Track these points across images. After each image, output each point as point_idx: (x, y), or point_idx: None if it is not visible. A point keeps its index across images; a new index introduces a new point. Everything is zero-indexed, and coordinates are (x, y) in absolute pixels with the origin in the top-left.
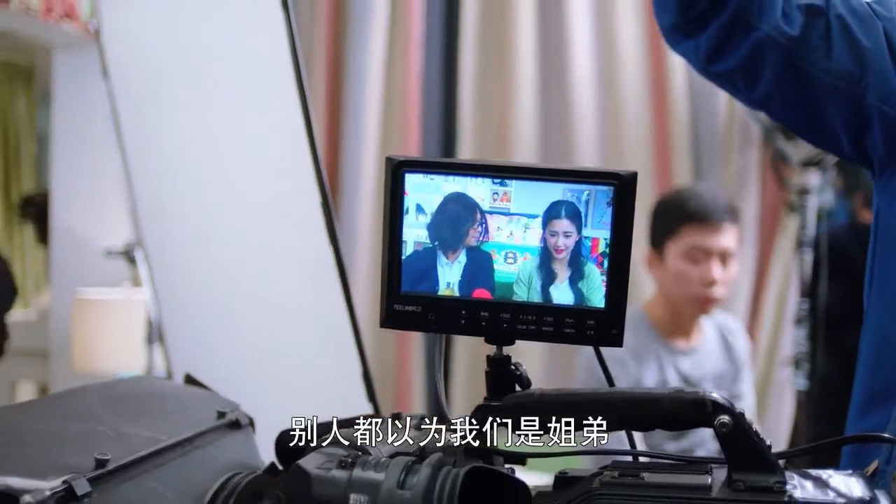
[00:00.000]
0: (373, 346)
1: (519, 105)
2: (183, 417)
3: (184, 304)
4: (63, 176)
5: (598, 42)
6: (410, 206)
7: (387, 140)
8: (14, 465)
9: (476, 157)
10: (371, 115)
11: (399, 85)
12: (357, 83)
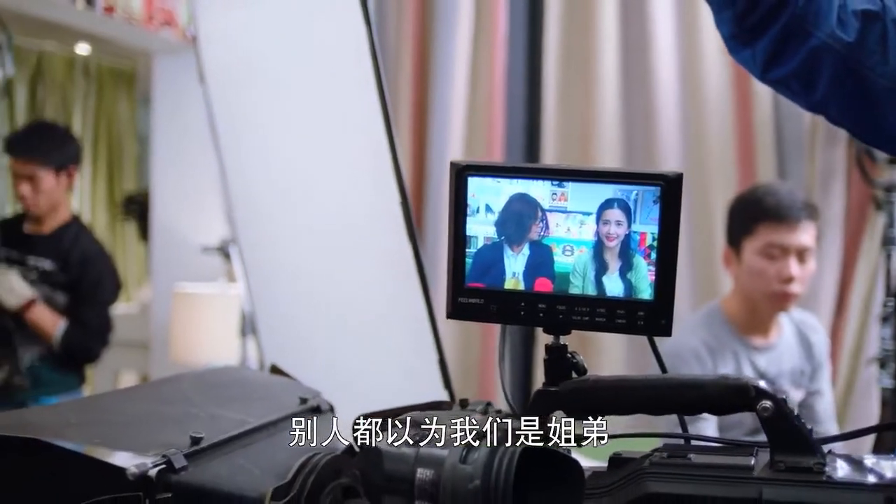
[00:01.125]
0: (458, 338)
1: (602, 105)
2: (269, 403)
3: (275, 299)
4: (162, 176)
5: (680, 41)
6: (480, 206)
7: (471, 141)
8: (120, 442)
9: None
10: (456, 116)
11: (483, 86)
12: (442, 85)
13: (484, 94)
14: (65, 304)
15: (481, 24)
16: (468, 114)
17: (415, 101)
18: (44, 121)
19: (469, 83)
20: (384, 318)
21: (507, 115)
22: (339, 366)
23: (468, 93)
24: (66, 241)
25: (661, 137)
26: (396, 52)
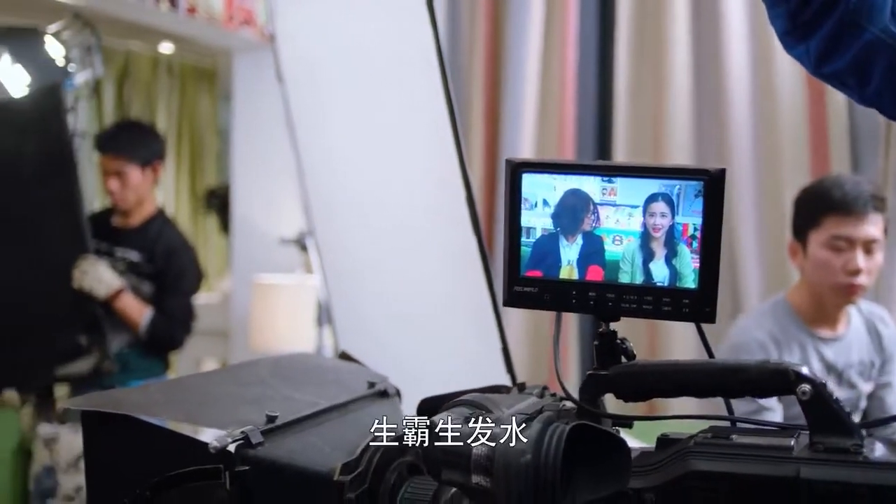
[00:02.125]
0: (530, 326)
1: (673, 99)
2: (339, 386)
3: (348, 289)
4: (242, 170)
5: (752, 33)
6: (538, 201)
7: (542, 138)
8: (203, 419)
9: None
10: (528, 113)
11: (555, 83)
12: (514, 82)
13: (555, 91)
14: (150, 293)
15: (553, 21)
16: (539, 111)
17: (487, 98)
18: (130, 119)
19: (540, 80)
20: (450, 308)
21: (579, 111)
22: (408, 353)
23: (539, 90)
24: (151, 233)
25: (732, 131)
26: (469, 51)
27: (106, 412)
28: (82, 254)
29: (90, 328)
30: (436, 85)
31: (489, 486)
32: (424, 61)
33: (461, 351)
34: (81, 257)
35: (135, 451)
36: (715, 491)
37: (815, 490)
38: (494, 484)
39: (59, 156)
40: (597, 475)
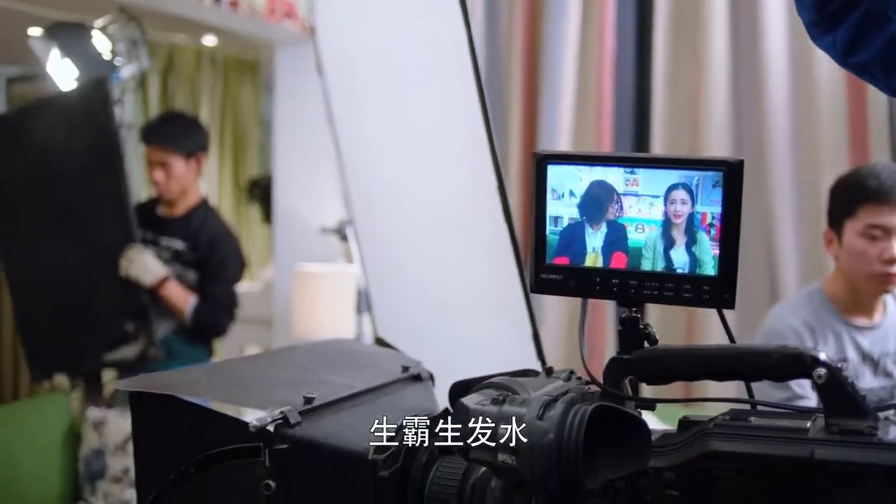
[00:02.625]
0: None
1: (711, 88)
2: (374, 371)
3: (386, 277)
4: (284, 160)
5: (790, 24)
6: (565, 191)
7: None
8: (244, 400)
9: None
10: (565, 104)
11: (592, 73)
12: (552, 73)
13: (593, 83)
14: (195, 281)
15: (590, 14)
16: (577, 104)
17: (524, 92)
18: (175, 111)
19: (578, 73)
20: (483, 295)
21: (616, 103)
22: (442, 339)
23: (577, 83)
24: (195, 222)
25: (771, 121)
26: (507, 44)
27: (152, 393)
28: (129, 243)
29: (137, 315)
30: (469, 78)
31: (515, 464)
32: (459, 55)
33: (493, 337)
34: (128, 246)
35: (179, 430)
36: (732, 470)
37: (830, 470)
38: (520, 462)
39: (107, 147)
40: (618, 454)
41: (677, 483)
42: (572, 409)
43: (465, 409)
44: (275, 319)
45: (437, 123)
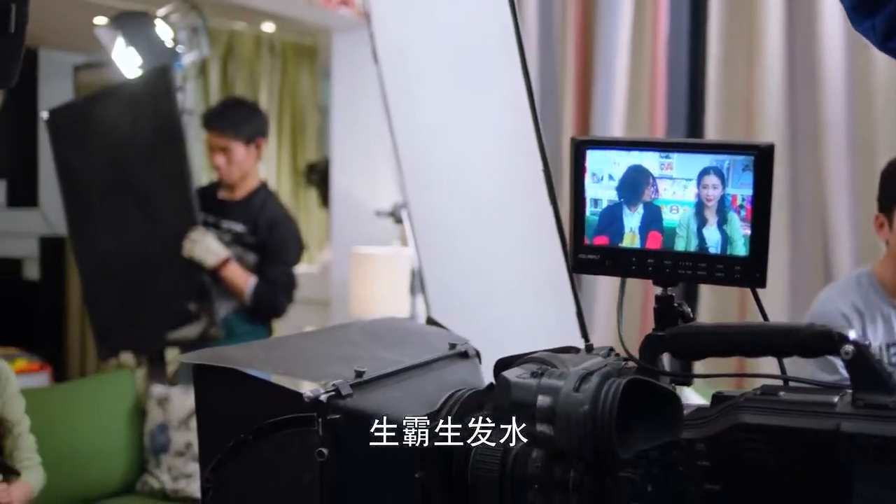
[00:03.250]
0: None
1: (766, 73)
2: (423, 347)
3: (438, 259)
4: (341, 145)
5: None
6: (604, 175)
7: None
8: (300, 373)
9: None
10: (619, 89)
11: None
12: (605, 59)
13: (646, 68)
14: (254, 263)
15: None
16: (630, 87)
17: (578, 77)
18: (235, 97)
19: (631, 58)
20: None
21: (669, 88)
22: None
23: (630, 66)
24: (255, 206)
25: (826, 106)
26: (561, 30)
27: (214, 365)
28: (192, 225)
29: (199, 296)
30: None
31: (552, 433)
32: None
33: (540, 316)
34: (191, 229)
35: (238, 400)
36: (760, 442)
37: (855, 443)
38: (556, 432)
39: (170, 133)
40: (651, 426)
41: (708, 454)
42: (607, 382)
43: (505, 381)
44: (332, 300)
45: (487, 109)
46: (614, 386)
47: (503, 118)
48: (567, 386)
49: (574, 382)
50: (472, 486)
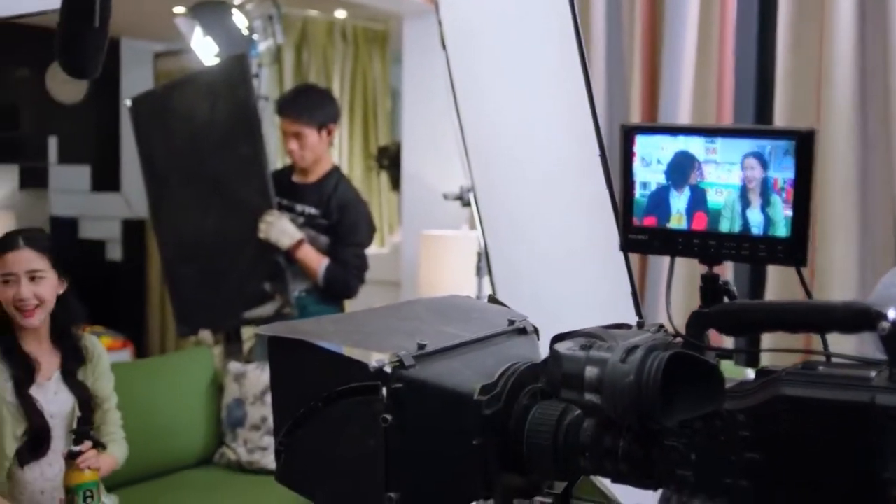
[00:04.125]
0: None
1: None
2: (483, 323)
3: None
4: (411, 129)
5: None
6: (653, 159)
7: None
8: (366, 345)
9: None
10: (686, 74)
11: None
12: (673, 42)
13: (714, 52)
14: (326, 244)
15: None
16: (697, 73)
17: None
18: (307, 84)
19: (699, 43)
20: (589, 256)
21: (738, 72)
22: (552, 297)
23: (698, 52)
24: (327, 189)
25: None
26: (629, 15)
27: (288, 337)
28: (267, 208)
29: (274, 276)
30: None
31: (600, 402)
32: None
33: (599, 295)
34: (266, 211)
35: (309, 370)
36: (798, 413)
37: (890, 415)
38: (604, 401)
39: (246, 119)
40: (694, 397)
41: (748, 424)
42: (652, 355)
43: (557, 354)
44: (402, 282)
45: (549, 94)
46: (658, 358)
47: (565, 103)
48: (614, 358)
49: (621, 354)
50: (527, 452)
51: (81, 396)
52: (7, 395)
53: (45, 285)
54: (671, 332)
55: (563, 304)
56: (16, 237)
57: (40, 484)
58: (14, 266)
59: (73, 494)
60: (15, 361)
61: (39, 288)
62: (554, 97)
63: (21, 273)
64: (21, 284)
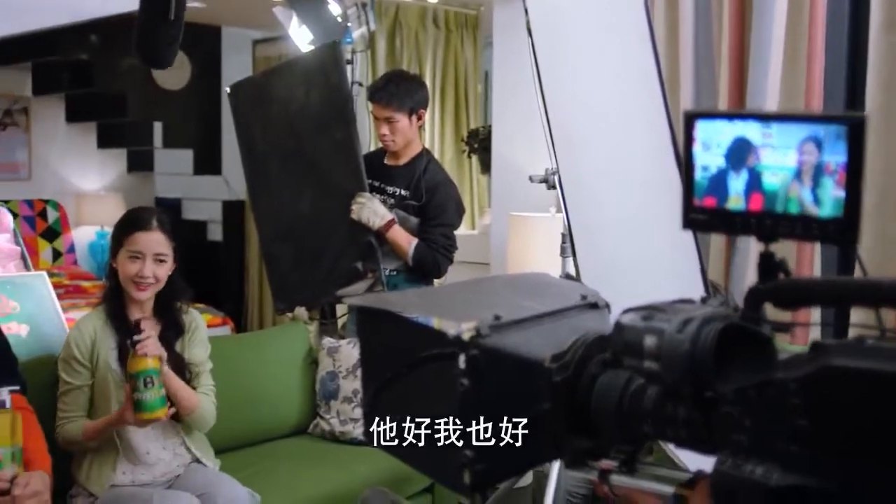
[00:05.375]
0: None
1: None
2: (558, 298)
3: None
4: (501, 113)
5: None
6: (713, 143)
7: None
8: (447, 315)
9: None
10: (774, 65)
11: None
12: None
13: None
14: (416, 225)
15: None
16: (786, 64)
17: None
18: (398, 70)
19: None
20: (662, 237)
21: (827, 61)
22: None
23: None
24: (416, 171)
25: None
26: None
27: (376, 308)
28: (359, 190)
29: (366, 255)
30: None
31: (658, 369)
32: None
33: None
34: (359, 193)
35: (395, 338)
36: (845, 382)
37: None
38: (661, 368)
39: (339, 105)
40: (748, 366)
41: (798, 393)
42: (707, 326)
43: (619, 324)
44: (492, 263)
45: (629, 81)
46: (713, 329)
47: (644, 89)
48: (671, 328)
49: (678, 325)
50: (594, 417)
51: (178, 365)
52: (112, 362)
53: (164, 268)
54: (732, 306)
55: (641, 281)
56: (149, 218)
57: (145, 445)
58: (144, 246)
59: (133, 380)
60: (120, 328)
61: (159, 269)
62: (632, 83)
63: (149, 254)
64: (146, 264)
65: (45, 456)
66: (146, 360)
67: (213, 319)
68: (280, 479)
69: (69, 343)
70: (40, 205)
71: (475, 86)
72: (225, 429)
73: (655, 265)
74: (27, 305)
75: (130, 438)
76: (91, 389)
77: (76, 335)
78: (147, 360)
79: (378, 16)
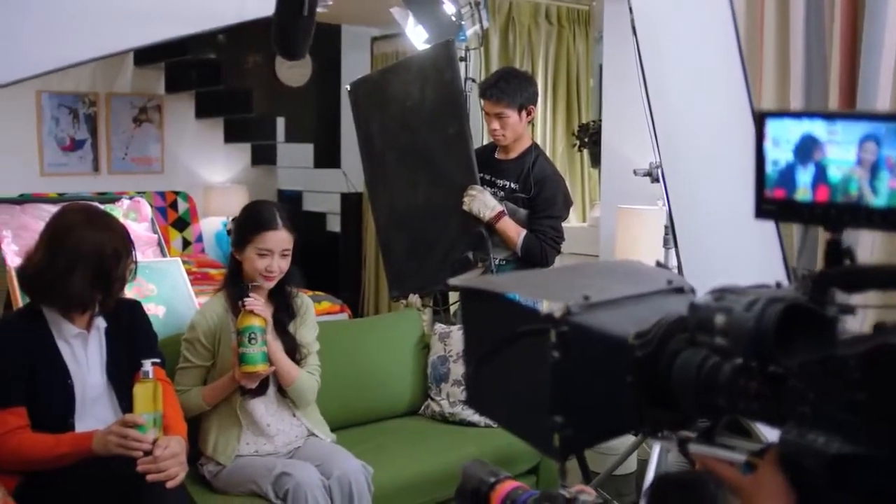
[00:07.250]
0: None
1: None
2: (646, 282)
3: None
4: (612, 107)
5: None
6: (783, 139)
7: None
8: (542, 295)
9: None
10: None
11: None
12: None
13: None
14: (525, 217)
15: None
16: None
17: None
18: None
19: None
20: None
21: None
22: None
23: None
24: (525, 165)
25: None
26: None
27: (478, 288)
28: (471, 183)
29: (476, 245)
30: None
31: (727, 345)
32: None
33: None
34: (470, 185)
35: (494, 315)
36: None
37: None
38: (729, 343)
39: (452, 101)
40: (811, 343)
41: (858, 368)
42: (772, 305)
43: (694, 304)
44: (601, 253)
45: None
46: (777, 308)
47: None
48: (739, 307)
49: (745, 304)
50: (674, 391)
51: (290, 345)
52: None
53: (287, 261)
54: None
55: (734, 270)
56: (275, 218)
57: (266, 419)
58: (272, 244)
59: (240, 335)
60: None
61: (284, 263)
62: (727, 81)
63: (277, 251)
64: (274, 260)
65: (182, 423)
66: (252, 317)
67: (331, 307)
68: (392, 455)
69: (193, 326)
70: (172, 196)
71: (587, 80)
72: (342, 407)
73: (749, 260)
74: (164, 288)
75: (252, 412)
76: (210, 370)
77: (199, 319)
78: (253, 318)
79: (491, 13)
